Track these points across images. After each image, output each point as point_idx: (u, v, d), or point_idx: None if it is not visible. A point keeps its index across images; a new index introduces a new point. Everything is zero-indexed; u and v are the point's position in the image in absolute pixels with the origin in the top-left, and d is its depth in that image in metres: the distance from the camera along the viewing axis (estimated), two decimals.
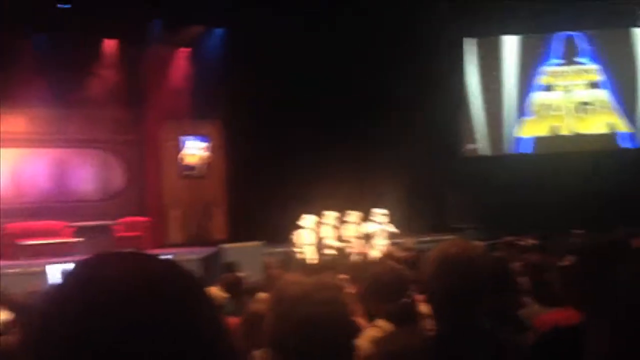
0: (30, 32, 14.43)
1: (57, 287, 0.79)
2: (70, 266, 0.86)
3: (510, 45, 18.09)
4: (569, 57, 18.07)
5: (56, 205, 15.03)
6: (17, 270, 11.53)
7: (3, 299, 6.47)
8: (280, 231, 13.13)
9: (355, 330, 2.28)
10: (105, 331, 0.73)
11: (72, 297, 0.77)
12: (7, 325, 5.25)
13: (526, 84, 18.05)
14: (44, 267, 10.61)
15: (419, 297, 3.11)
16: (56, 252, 12.91)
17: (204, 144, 16.28)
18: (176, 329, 0.75)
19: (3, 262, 12.25)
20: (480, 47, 18.18)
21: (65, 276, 0.80)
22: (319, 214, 12.36)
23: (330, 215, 12.28)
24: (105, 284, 0.76)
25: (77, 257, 12.00)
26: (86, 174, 16.01)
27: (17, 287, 7.82)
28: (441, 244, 2.19)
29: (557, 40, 18.07)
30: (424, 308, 2.98)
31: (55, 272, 9.82)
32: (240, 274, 7.52)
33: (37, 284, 8.00)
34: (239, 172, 15.59)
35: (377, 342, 2.76)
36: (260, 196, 14.77)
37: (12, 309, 5.76)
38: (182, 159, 16.08)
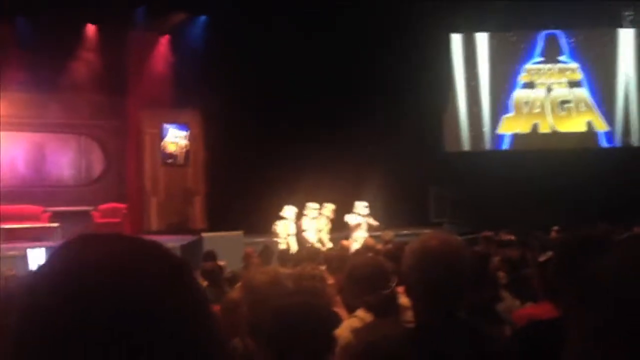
0: (12, 15, 14.24)
1: (40, 269, 0.78)
2: (50, 250, 0.84)
3: (495, 42, 18.18)
4: (551, 55, 18.20)
5: (34, 189, 14.91)
6: None
7: None
8: (260, 221, 13.11)
9: (335, 320, 2.29)
10: (90, 314, 0.71)
11: (55, 280, 0.75)
12: None
13: (508, 81, 18.17)
14: (22, 251, 10.50)
15: (400, 289, 3.13)
16: (34, 237, 12.82)
17: (184, 133, 16.21)
18: (162, 311, 0.74)
19: None
20: (465, 43, 18.25)
21: (48, 258, 0.78)
22: (300, 205, 12.36)
23: (310, 207, 12.27)
24: (89, 265, 0.75)
25: (55, 242, 11.96)
26: (65, 159, 15.89)
27: None
28: (421, 236, 2.20)
29: (540, 38, 18.19)
30: (404, 300, 3.00)
31: (35, 256, 9.73)
32: (221, 263, 7.51)
33: (14, 267, 7.93)
34: (219, 161, 15.54)
35: (356, 332, 2.78)
36: (240, 186, 14.73)
37: None
38: (164, 147, 16.00)
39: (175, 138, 16.15)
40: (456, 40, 18.25)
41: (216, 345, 0.79)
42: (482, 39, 18.21)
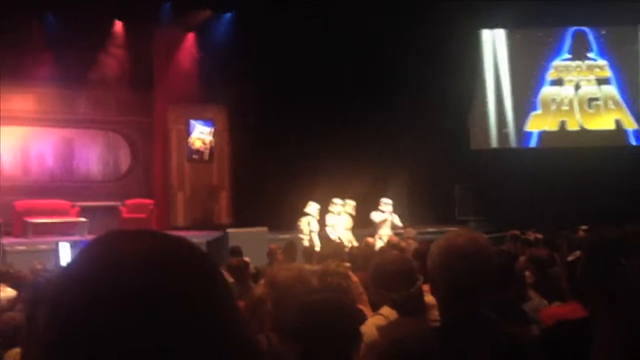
0: (40, 12, 14.43)
1: (69, 266, 0.78)
2: (78, 245, 0.85)
3: (522, 39, 18.01)
4: (579, 52, 17.99)
5: (62, 184, 15.11)
6: (23, 247, 11.61)
7: (8, 276, 6.50)
8: (285, 217, 13.15)
9: (360, 317, 2.29)
10: (120, 311, 0.72)
11: (85, 277, 0.76)
12: (12, 302, 5.28)
13: (536, 79, 17.98)
14: (50, 245, 10.65)
15: (425, 287, 3.11)
16: (63, 231, 12.97)
17: (210, 129, 16.31)
18: (191, 306, 0.75)
19: (10, 240, 12.35)
20: (492, 39, 18.11)
21: (77, 255, 0.79)
22: (323, 202, 12.36)
23: (335, 203, 12.27)
24: (118, 263, 0.75)
25: (83, 237, 12.10)
26: (93, 154, 16.08)
27: (23, 264, 7.86)
28: (447, 234, 2.19)
29: (568, 35, 17.98)
30: (429, 298, 2.99)
31: (64, 250, 9.85)
32: (246, 259, 7.54)
33: (43, 261, 8.04)
34: (244, 156, 15.60)
35: (381, 330, 2.77)
36: (265, 181, 14.77)
37: (18, 286, 5.80)
38: (190, 143, 16.11)
39: (201, 134, 16.25)
40: (483, 36, 18.10)
41: (243, 338, 0.80)
42: (509, 36, 18.05)
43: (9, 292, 5.50)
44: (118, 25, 15.38)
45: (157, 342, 0.72)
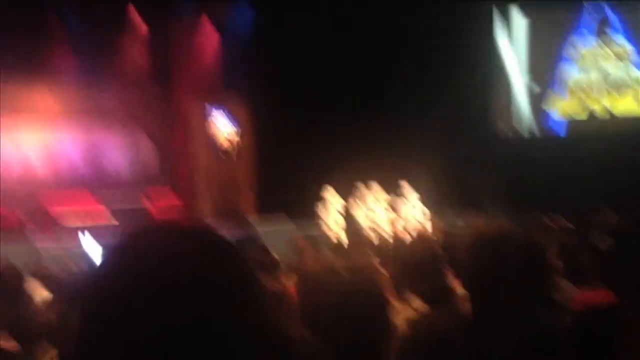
0: (61, 9, 14.56)
1: (103, 261, 0.80)
2: (107, 245, 0.87)
3: (548, 24, 17.76)
4: (607, 37, 17.70)
5: (86, 178, 15.19)
6: (56, 249, 11.76)
7: (42, 277, 6.60)
8: (311, 211, 13.16)
9: (392, 309, 2.30)
10: (152, 303, 0.73)
11: (117, 271, 0.77)
12: (47, 304, 5.35)
13: (564, 64, 17.72)
14: (81, 246, 10.78)
15: (453, 278, 3.11)
16: (93, 232, 13.08)
17: (234, 123, 16.36)
18: (223, 301, 0.76)
19: (44, 241, 12.53)
20: (516, 25, 17.87)
21: (108, 253, 0.81)
22: (350, 194, 12.35)
23: (363, 195, 12.25)
24: (150, 256, 0.77)
25: (113, 237, 12.24)
26: (117, 150, 16.14)
27: (56, 265, 7.97)
28: (476, 224, 2.19)
29: (594, 20, 17.69)
30: (458, 289, 2.98)
31: (92, 251, 9.96)
32: (274, 255, 7.57)
33: (75, 263, 8.14)
34: (268, 150, 15.62)
35: (411, 323, 2.78)
36: (290, 175, 14.78)
37: (51, 287, 5.88)
38: (215, 139, 16.18)
39: (225, 128, 16.31)
40: (503, 14, 17.82)
41: (274, 328, 0.81)
42: (533, 21, 17.79)
43: (44, 294, 5.58)
44: (136, 17, 15.42)
45: (189, 335, 0.73)
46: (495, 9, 17.57)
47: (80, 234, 12.75)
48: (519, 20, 17.84)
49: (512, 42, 17.85)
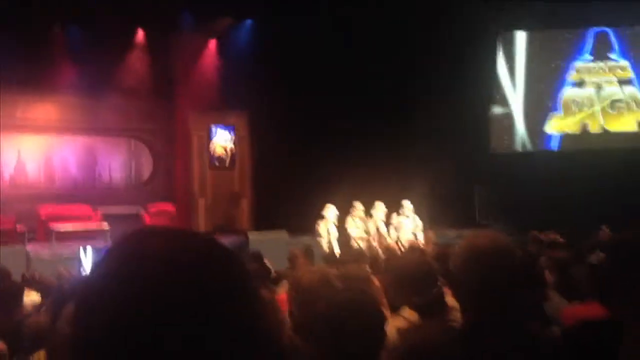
0: (62, 21, 14.60)
1: (97, 264, 0.79)
2: (100, 251, 0.85)
3: (543, 40, 17.88)
4: (601, 53, 17.80)
5: (85, 191, 15.25)
6: (47, 254, 11.73)
7: (34, 282, 6.59)
8: (305, 222, 13.14)
9: (384, 319, 2.30)
10: (145, 308, 0.72)
11: (112, 275, 0.76)
12: (37, 307, 5.34)
13: (557, 80, 17.84)
14: (74, 251, 10.76)
15: (446, 289, 3.11)
16: (85, 237, 13.07)
17: (231, 135, 16.39)
18: (217, 307, 0.75)
19: (35, 246, 12.48)
20: (512, 41, 18.00)
21: (105, 253, 0.79)
22: (344, 206, 12.34)
23: (356, 207, 12.25)
24: (145, 261, 0.75)
25: (106, 243, 12.21)
26: (115, 161, 16.22)
27: (47, 270, 7.94)
28: (469, 236, 2.18)
29: (590, 36, 17.82)
30: (450, 300, 2.98)
31: (86, 257, 9.96)
32: (267, 264, 7.56)
33: (67, 267, 8.13)
34: (265, 162, 15.64)
35: (402, 332, 2.77)
36: (286, 187, 14.79)
37: (43, 292, 5.86)
38: (212, 150, 16.20)
39: (223, 141, 16.33)
40: (504, 38, 18.01)
41: (269, 336, 0.80)
42: (530, 37, 17.92)
43: (34, 298, 5.57)
44: (139, 33, 15.52)
45: (183, 341, 0.72)
46: (492, 32, 17.65)
47: (74, 241, 12.73)
48: (517, 41, 17.93)
49: (508, 62, 17.94)
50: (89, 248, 10.36)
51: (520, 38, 17.97)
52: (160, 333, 0.71)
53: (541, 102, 17.87)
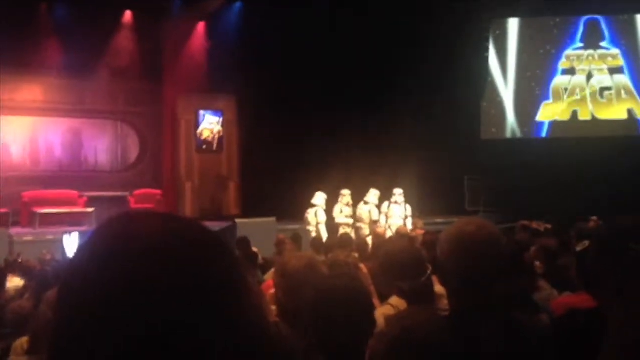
0: (50, 1, 14.44)
1: (81, 248, 0.77)
2: (85, 235, 0.82)
3: (534, 28, 17.90)
4: (592, 41, 17.85)
5: (71, 174, 15.17)
6: (31, 237, 11.67)
7: (17, 265, 6.53)
8: (294, 208, 13.13)
9: (372, 307, 2.27)
10: (128, 292, 0.70)
11: (95, 258, 0.74)
12: (20, 291, 5.30)
13: (548, 68, 17.86)
14: (58, 235, 10.70)
15: (434, 276, 3.09)
16: (70, 221, 13.03)
17: (218, 118, 16.32)
18: (204, 292, 0.73)
19: (18, 230, 12.41)
20: (503, 28, 17.99)
21: (89, 236, 0.77)
22: (333, 192, 12.34)
23: (344, 194, 12.24)
24: (129, 244, 0.73)
25: (91, 227, 12.16)
26: (102, 144, 16.13)
27: (30, 254, 7.89)
28: (457, 222, 2.15)
29: (581, 24, 17.84)
30: (438, 288, 2.96)
31: (70, 241, 9.90)
32: (254, 250, 7.54)
33: (51, 251, 8.07)
34: (253, 147, 15.60)
35: (389, 319, 2.75)
36: (274, 172, 14.77)
37: (26, 275, 5.81)
38: (200, 134, 16.13)
39: (210, 124, 16.26)
40: (494, 26, 17.99)
41: (257, 322, 0.78)
42: (521, 24, 17.93)
43: (16, 282, 5.53)
44: (127, 15, 15.38)
45: (167, 326, 0.70)
46: (484, 20, 17.63)
47: (58, 225, 12.67)
48: (508, 29, 17.93)
49: (499, 50, 17.95)
50: (73, 232, 10.29)
51: (512, 26, 17.96)
52: (143, 316, 0.69)
53: (532, 89, 17.90)
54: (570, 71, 17.90)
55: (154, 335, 0.69)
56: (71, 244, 9.77)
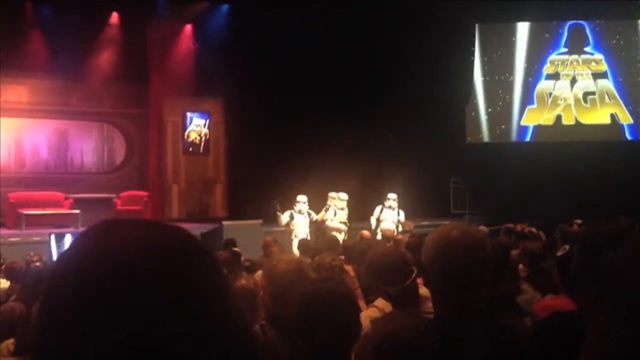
0: (37, 2, 14.36)
1: (63, 256, 0.77)
2: (71, 237, 0.84)
3: (521, 33, 18.00)
4: (576, 46, 17.98)
5: (57, 176, 15.08)
6: (16, 239, 11.58)
7: (3, 268, 6.49)
8: (280, 210, 13.11)
9: (359, 311, 2.29)
10: (111, 297, 0.71)
11: (79, 264, 0.75)
12: (6, 293, 5.27)
13: (534, 72, 17.98)
14: (43, 236, 10.62)
15: (419, 280, 3.11)
16: (56, 223, 12.96)
17: (205, 120, 16.27)
18: (186, 298, 0.73)
19: (3, 231, 12.31)
20: (490, 33, 18.09)
21: (72, 244, 0.78)
22: (319, 195, 12.34)
23: (330, 197, 12.24)
24: (113, 250, 0.74)
25: (76, 229, 12.09)
26: (88, 146, 16.04)
27: (17, 256, 7.84)
28: (442, 226, 2.18)
29: (565, 29, 17.97)
30: (423, 291, 2.99)
31: (56, 242, 9.83)
32: (239, 251, 7.54)
33: (37, 253, 8.02)
34: (240, 149, 15.57)
35: (374, 322, 2.77)
36: (260, 174, 14.75)
37: (11, 277, 5.78)
38: (187, 136, 16.08)
39: (197, 126, 16.22)
40: (480, 31, 18.09)
41: (240, 328, 0.79)
42: (507, 29, 18.04)
43: (2, 283, 5.50)
44: (114, 17, 15.31)
45: (150, 331, 0.71)
46: (474, 25, 17.72)
47: (44, 226, 12.59)
48: (498, 34, 18.04)
49: (487, 55, 18.04)
50: (59, 233, 10.23)
51: (498, 30, 18.07)
52: (128, 319, 0.70)
53: (517, 94, 18.01)
54: (555, 76, 18.03)
55: (138, 336, 0.70)
56: (57, 245, 9.70)
